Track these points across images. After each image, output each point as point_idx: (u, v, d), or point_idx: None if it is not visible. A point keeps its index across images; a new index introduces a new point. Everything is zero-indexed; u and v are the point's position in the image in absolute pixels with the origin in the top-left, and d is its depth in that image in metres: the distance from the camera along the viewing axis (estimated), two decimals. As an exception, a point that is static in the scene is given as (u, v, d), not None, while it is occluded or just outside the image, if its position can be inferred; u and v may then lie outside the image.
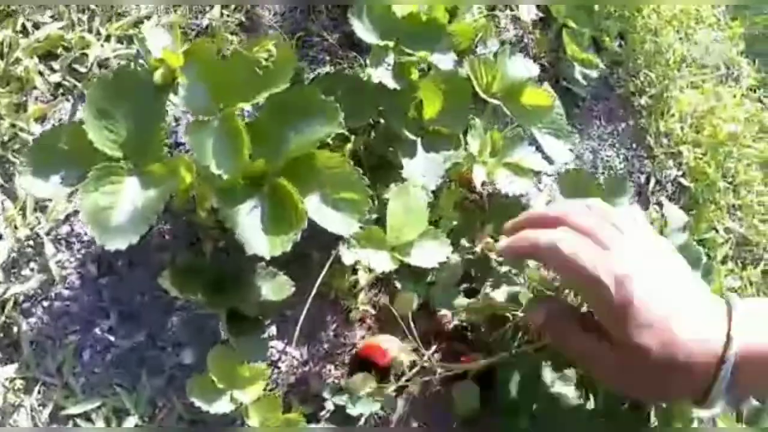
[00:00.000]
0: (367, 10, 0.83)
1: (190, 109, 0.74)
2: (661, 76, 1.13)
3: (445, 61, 0.84)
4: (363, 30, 0.82)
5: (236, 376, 0.77)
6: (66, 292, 0.84)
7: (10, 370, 0.79)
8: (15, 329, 0.81)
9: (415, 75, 0.83)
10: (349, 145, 0.89)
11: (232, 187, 0.73)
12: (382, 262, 0.78)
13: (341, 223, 0.73)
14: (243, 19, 0.97)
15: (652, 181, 1.10)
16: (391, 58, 0.82)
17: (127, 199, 0.73)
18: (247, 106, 0.75)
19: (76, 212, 0.86)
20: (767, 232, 1.09)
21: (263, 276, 0.81)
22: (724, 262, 1.08)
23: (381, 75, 0.80)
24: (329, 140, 0.87)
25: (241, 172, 0.72)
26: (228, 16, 0.97)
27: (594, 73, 1.09)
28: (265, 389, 0.81)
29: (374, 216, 0.83)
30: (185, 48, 0.76)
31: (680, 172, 1.11)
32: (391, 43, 0.83)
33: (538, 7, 1.10)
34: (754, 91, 1.23)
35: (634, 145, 1.12)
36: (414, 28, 0.84)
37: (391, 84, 0.81)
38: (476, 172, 0.85)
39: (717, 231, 1.07)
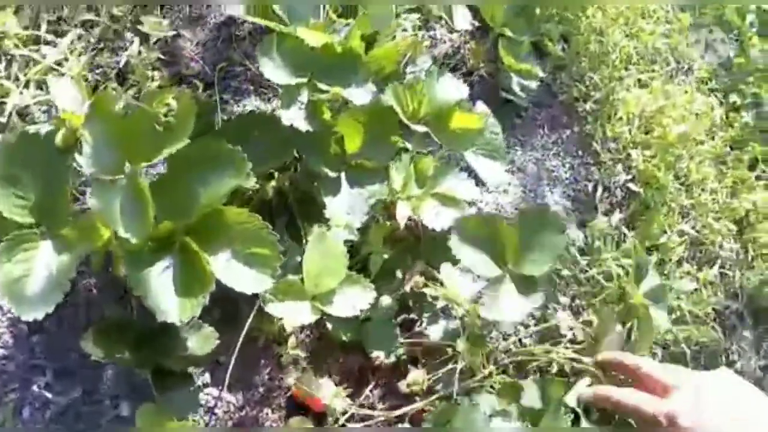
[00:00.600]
0: (278, 44, 0.79)
1: (95, 170, 0.72)
2: (606, 78, 1.09)
3: (361, 94, 0.80)
4: (273, 68, 0.78)
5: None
6: (1, 351, 0.84)
7: (-49, 433, 0.80)
8: (-46, 391, 0.81)
9: (327, 114, 0.80)
10: (273, 183, 0.87)
11: (139, 251, 0.71)
12: (302, 314, 0.76)
13: (254, 280, 0.71)
14: (161, 55, 0.94)
15: (600, 188, 1.07)
16: (304, 96, 0.79)
17: (41, 265, 0.72)
18: (152, 163, 0.73)
19: (2, 271, 0.85)
20: (722, 230, 1.06)
21: (188, 329, 0.80)
22: (679, 264, 1.06)
23: (293, 117, 0.77)
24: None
25: (147, 234, 0.70)
26: (147, 51, 0.94)
27: (533, 84, 1.06)
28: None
29: (298, 258, 0.81)
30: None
31: (629, 177, 1.08)
32: (303, 80, 0.79)
33: (473, 15, 1.06)
34: (705, 83, 1.19)
35: (579, 153, 1.09)
36: (329, 60, 0.80)
37: (304, 126, 0.77)
38: (399, 209, 0.82)
39: (669, 235, 1.04)
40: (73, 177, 0.76)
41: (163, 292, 0.71)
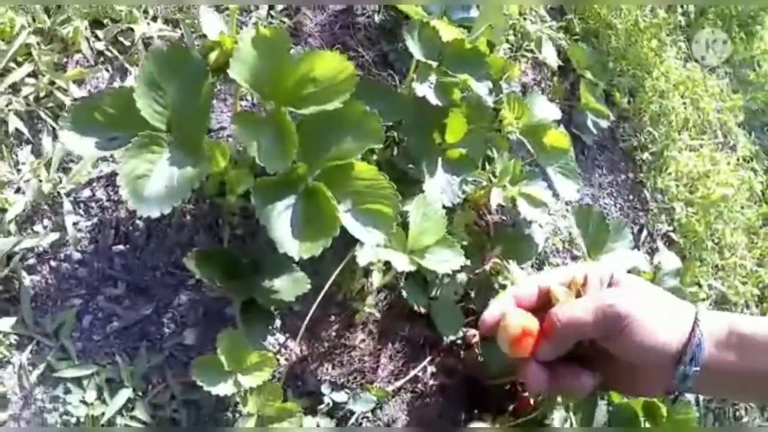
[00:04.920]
0: (419, 30, 0.87)
1: (247, 86, 0.75)
2: (663, 136, 1.20)
3: (482, 87, 0.89)
4: (413, 45, 0.86)
5: (244, 361, 0.78)
6: (76, 255, 0.84)
7: (5, 324, 0.79)
8: (16, 284, 0.81)
9: (457, 95, 0.87)
10: (375, 157, 0.93)
11: (269, 183, 0.75)
12: (402, 262, 0.82)
13: (368, 233, 0.76)
14: (288, 22, 1.00)
15: (644, 232, 1.16)
16: (433, 78, 0.86)
17: (164, 170, 0.74)
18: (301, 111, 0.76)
19: (99, 178, 0.87)
20: (746, 293, 1.16)
21: (281, 270, 0.83)
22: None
23: (424, 91, 0.84)
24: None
25: (286, 169, 0.74)
26: (273, 17, 1.00)
27: (604, 123, 1.16)
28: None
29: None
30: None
31: (671, 228, 1.17)
32: (435, 64, 0.87)
33: (558, 55, 1.16)
34: (748, 162, 1.32)
35: (630, 197, 1.19)
36: (457, 53, 0.89)
37: (434, 100, 0.85)
38: (494, 194, 0.90)
39: (700, 286, 1.14)
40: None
41: (285, 227, 0.74)
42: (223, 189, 0.84)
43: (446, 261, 0.83)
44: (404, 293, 0.90)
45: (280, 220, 0.74)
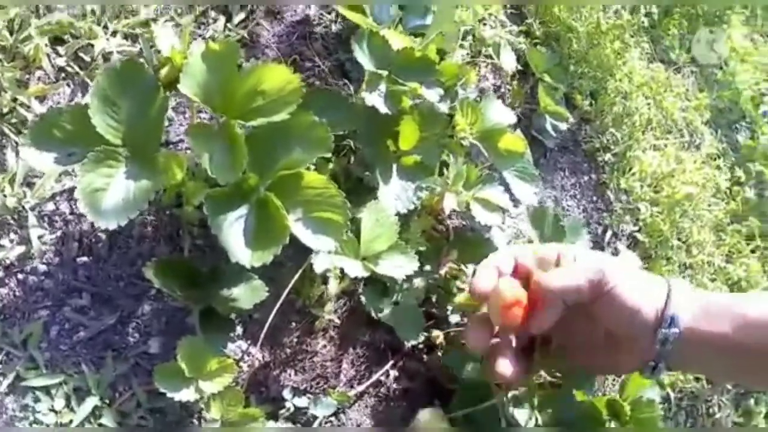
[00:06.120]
0: (368, 40, 0.89)
1: (200, 102, 0.77)
2: (626, 136, 1.22)
3: (432, 95, 0.91)
4: (362, 55, 0.88)
5: (204, 367, 0.80)
6: (42, 268, 0.86)
7: (-25, 336, 0.81)
8: (-15, 297, 0.83)
9: (406, 103, 0.89)
10: (330, 166, 0.94)
11: (221, 194, 0.77)
12: (354, 268, 0.84)
13: (319, 241, 0.78)
14: (245, 35, 1.02)
15: (609, 233, 1.17)
16: (383, 87, 0.88)
17: (120, 183, 0.77)
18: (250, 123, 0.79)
19: (63, 192, 0.89)
20: (715, 290, 1.17)
21: (239, 279, 0.85)
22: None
23: (374, 100, 0.86)
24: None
25: (236, 180, 0.76)
26: (230, 30, 1.02)
27: (563, 126, 1.17)
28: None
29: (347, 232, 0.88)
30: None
31: (636, 228, 1.19)
32: (385, 73, 0.89)
33: (518, 60, 1.17)
34: (714, 160, 1.33)
35: (594, 198, 1.20)
36: (407, 62, 0.91)
37: (383, 109, 0.87)
38: (447, 199, 0.91)
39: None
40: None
41: (237, 237, 0.76)
42: (181, 200, 0.86)
43: (400, 266, 0.85)
44: (363, 300, 0.91)
45: (232, 229, 0.76)
